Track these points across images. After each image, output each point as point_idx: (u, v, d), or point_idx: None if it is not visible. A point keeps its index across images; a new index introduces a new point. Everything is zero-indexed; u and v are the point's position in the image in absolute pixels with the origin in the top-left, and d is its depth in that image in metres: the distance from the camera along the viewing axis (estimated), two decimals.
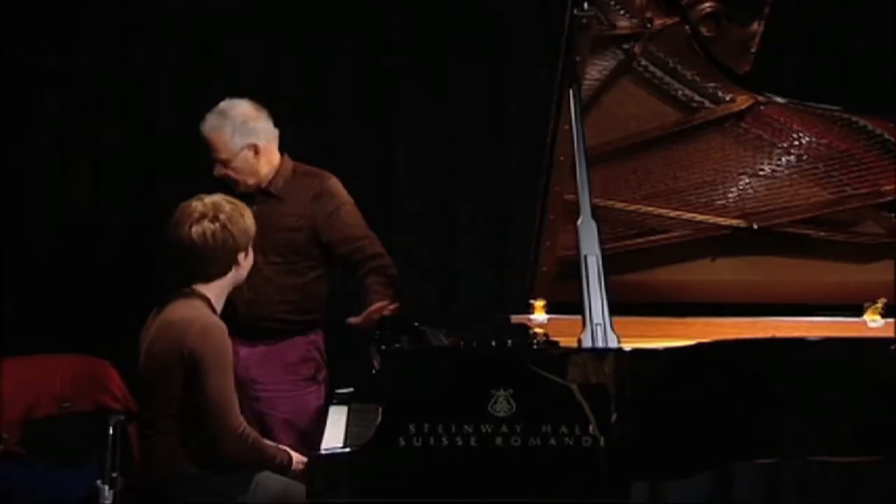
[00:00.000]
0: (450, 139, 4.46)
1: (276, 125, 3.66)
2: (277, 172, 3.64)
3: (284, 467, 3.03)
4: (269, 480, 3.02)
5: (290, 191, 3.64)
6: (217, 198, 3.12)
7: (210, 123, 3.60)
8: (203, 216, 3.06)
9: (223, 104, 3.61)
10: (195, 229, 3.05)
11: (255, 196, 3.60)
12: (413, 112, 4.46)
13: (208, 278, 3.08)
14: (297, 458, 3.06)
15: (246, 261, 3.13)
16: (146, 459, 3.07)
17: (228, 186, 3.58)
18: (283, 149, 3.69)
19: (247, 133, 3.58)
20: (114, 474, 3.71)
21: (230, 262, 3.09)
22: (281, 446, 3.12)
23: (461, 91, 4.45)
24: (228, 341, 3.00)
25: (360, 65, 4.45)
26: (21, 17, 4.27)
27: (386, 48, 4.45)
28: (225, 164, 3.59)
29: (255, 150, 3.59)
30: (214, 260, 3.06)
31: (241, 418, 2.98)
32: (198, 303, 3.06)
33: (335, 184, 3.68)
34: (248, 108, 3.61)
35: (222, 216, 3.07)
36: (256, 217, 3.42)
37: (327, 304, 3.74)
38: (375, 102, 4.45)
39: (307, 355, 3.67)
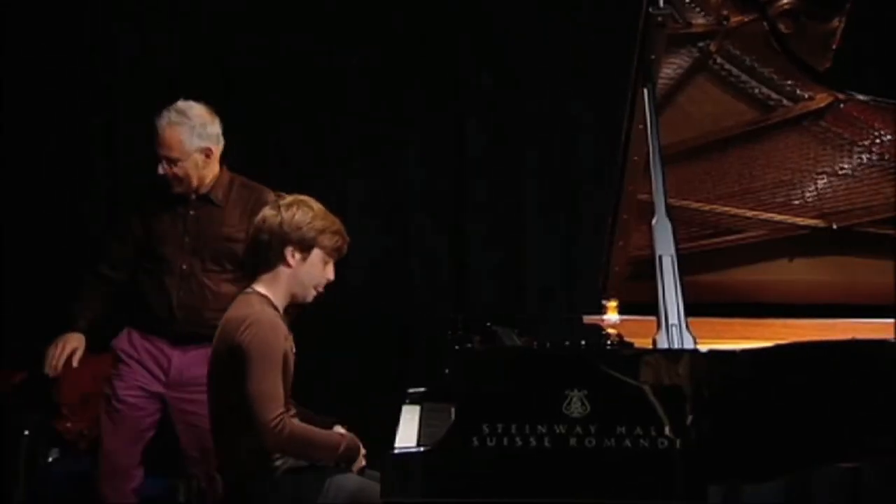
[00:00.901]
0: (522, 139, 4.45)
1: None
2: (217, 181, 3.65)
3: (352, 456, 3.02)
4: (343, 480, 3.03)
5: (228, 201, 3.65)
6: (301, 197, 3.12)
7: (168, 120, 3.57)
8: (270, 206, 3.10)
9: (181, 104, 3.60)
10: (258, 217, 3.09)
11: (192, 202, 3.63)
12: (485, 112, 4.46)
13: (255, 270, 3.09)
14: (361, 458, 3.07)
15: (304, 265, 3.05)
16: (217, 458, 3.11)
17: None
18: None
19: (203, 136, 3.59)
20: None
21: (275, 255, 3.05)
22: (342, 433, 3.11)
23: (533, 90, 4.43)
24: (277, 336, 3.00)
25: (431, 65, 4.46)
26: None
27: (453, 51, 4.45)
28: (173, 162, 3.57)
29: (207, 153, 3.60)
30: (261, 250, 3.06)
31: (279, 413, 2.94)
32: (254, 299, 3.07)
33: (272, 199, 3.65)
34: (205, 111, 3.62)
35: (284, 208, 3.06)
36: (194, 222, 3.58)
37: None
38: (447, 102, 4.46)
39: None
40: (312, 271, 3.08)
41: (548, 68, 4.45)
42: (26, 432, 3.67)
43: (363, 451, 3.09)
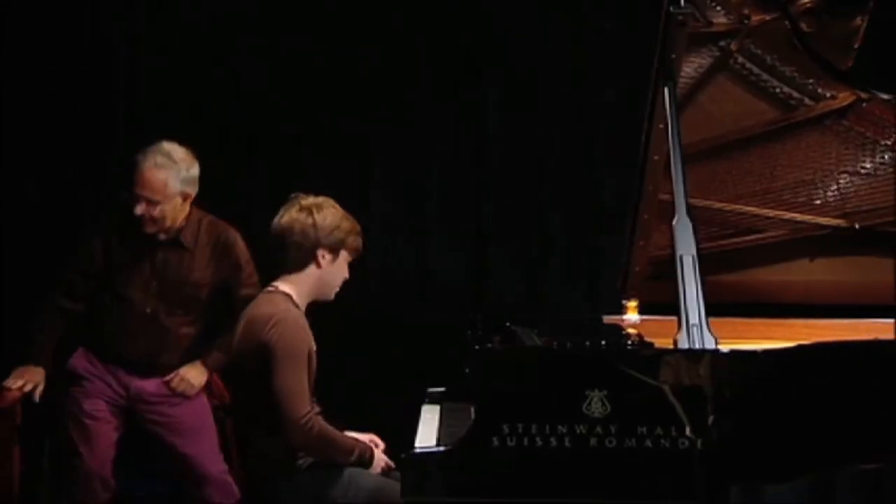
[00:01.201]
0: (539, 143, 4.45)
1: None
2: (188, 223, 3.63)
3: (364, 462, 3.05)
4: (363, 478, 3.05)
5: (197, 244, 3.64)
6: (322, 199, 3.14)
7: (154, 162, 3.54)
8: (297, 208, 3.11)
9: (165, 145, 3.58)
10: (285, 218, 3.10)
11: (161, 244, 3.62)
12: (503, 116, 4.45)
13: (287, 269, 3.11)
14: (380, 458, 3.09)
15: (332, 266, 3.10)
16: (242, 455, 3.13)
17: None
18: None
19: (186, 180, 3.58)
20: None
21: (308, 256, 3.09)
22: (361, 440, 3.13)
23: (551, 95, 4.42)
24: (303, 334, 3.03)
25: (454, 77, 4.45)
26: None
27: (474, 66, 4.45)
28: (154, 204, 3.55)
29: (185, 197, 3.59)
30: (297, 247, 3.08)
31: (308, 409, 2.98)
32: (278, 298, 3.10)
33: (239, 238, 3.71)
34: (188, 154, 3.60)
35: (314, 210, 3.10)
36: (162, 266, 3.58)
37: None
38: (467, 95, 4.45)
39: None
40: (338, 272, 3.13)
41: (567, 65, 4.44)
42: (49, 436, 3.69)
43: (379, 457, 3.10)
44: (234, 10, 4.39)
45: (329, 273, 3.12)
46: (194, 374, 3.65)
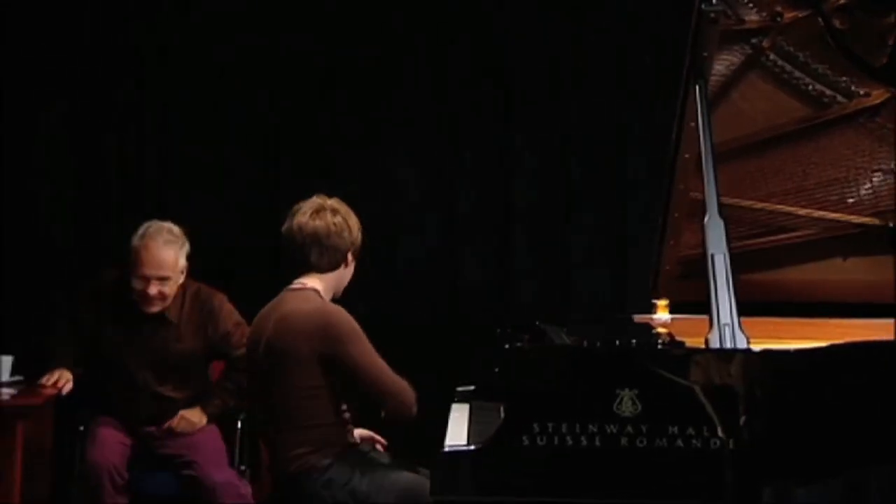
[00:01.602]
0: (568, 139, 4.43)
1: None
2: (174, 298, 3.68)
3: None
4: (394, 476, 3.05)
5: (181, 317, 3.70)
6: (334, 200, 3.21)
7: (164, 240, 3.60)
8: (325, 209, 3.15)
9: (165, 224, 3.65)
10: (318, 220, 3.13)
11: (148, 319, 3.66)
12: (531, 113, 4.44)
13: (321, 269, 3.15)
14: None
15: (348, 269, 3.20)
16: (274, 454, 3.13)
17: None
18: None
19: (185, 255, 3.67)
20: (242, 467, 3.83)
21: (342, 258, 3.17)
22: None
23: (579, 92, 4.41)
24: (350, 317, 3.09)
25: (478, 70, 4.45)
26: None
27: (499, 55, 4.44)
28: (164, 281, 3.61)
29: (183, 271, 3.68)
30: (331, 251, 3.14)
31: (400, 378, 3.08)
32: (310, 294, 3.13)
33: (225, 303, 3.75)
34: (180, 230, 3.69)
35: (342, 212, 3.17)
36: (151, 340, 3.66)
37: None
38: (494, 108, 4.45)
39: None
40: (351, 272, 3.23)
41: (589, 65, 4.42)
42: (81, 428, 3.72)
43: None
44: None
45: (347, 273, 3.21)
46: (195, 416, 3.72)
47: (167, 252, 3.62)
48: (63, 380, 3.62)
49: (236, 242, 4.34)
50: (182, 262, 3.66)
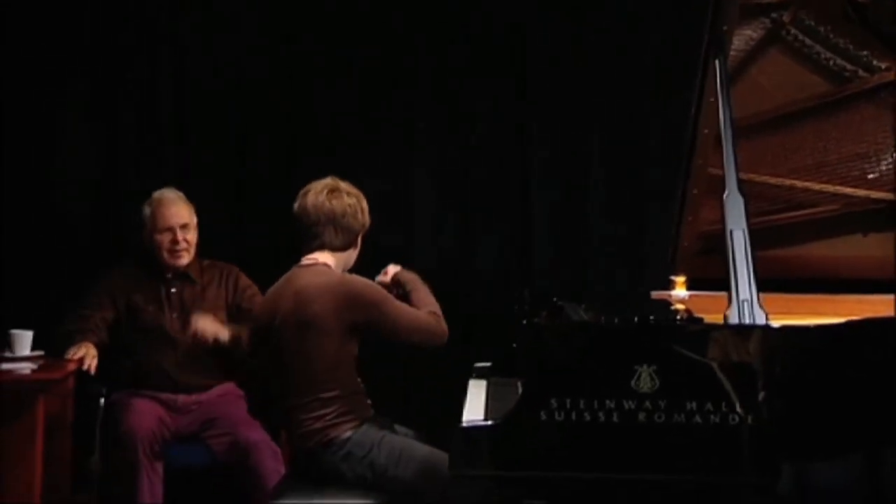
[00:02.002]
0: (586, 116, 4.41)
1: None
2: (190, 263, 3.91)
3: None
4: (413, 449, 3.07)
5: (202, 277, 3.92)
6: (346, 182, 3.25)
7: (175, 195, 3.89)
8: (340, 190, 3.20)
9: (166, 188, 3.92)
10: (335, 200, 3.17)
11: (173, 281, 3.88)
12: (549, 89, 4.42)
13: (333, 248, 3.19)
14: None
15: (356, 250, 3.26)
16: (292, 429, 3.14)
17: None
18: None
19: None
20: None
21: (354, 238, 3.22)
22: (410, 277, 3.31)
23: (597, 70, 4.39)
24: (370, 281, 3.17)
25: (497, 56, 4.43)
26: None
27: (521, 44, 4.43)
28: (186, 229, 3.86)
29: (196, 227, 3.91)
30: (345, 230, 3.18)
31: (423, 312, 3.16)
32: (324, 269, 3.17)
33: (239, 270, 3.98)
34: None
35: (354, 194, 3.23)
36: (178, 298, 3.84)
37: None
38: (512, 89, 4.43)
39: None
40: (357, 252, 3.28)
41: (609, 43, 4.40)
42: (102, 401, 3.75)
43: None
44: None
45: (354, 254, 3.26)
46: (210, 322, 3.79)
47: (181, 203, 3.88)
48: (89, 357, 3.67)
49: (250, 230, 4.36)
50: (194, 215, 3.89)
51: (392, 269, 3.36)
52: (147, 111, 4.39)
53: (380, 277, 3.33)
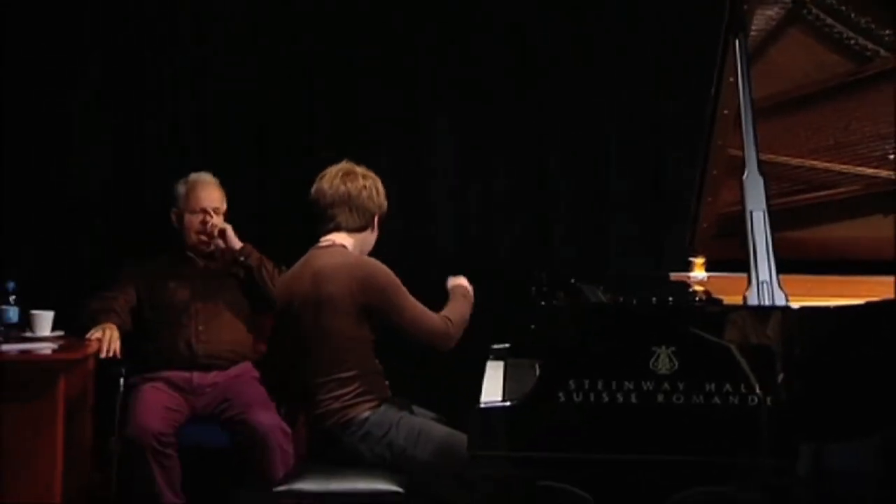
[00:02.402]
0: (602, 93, 4.39)
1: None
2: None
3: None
4: (431, 430, 3.08)
5: (227, 258, 3.96)
6: (362, 167, 3.27)
7: (208, 177, 3.96)
8: (355, 173, 3.22)
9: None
10: (349, 183, 3.20)
11: (198, 261, 3.94)
12: (564, 72, 4.40)
13: (349, 229, 3.21)
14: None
15: (373, 234, 3.27)
16: (311, 409, 3.16)
17: None
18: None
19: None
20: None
21: (370, 220, 3.24)
22: (461, 291, 3.34)
23: (615, 51, 4.36)
24: (387, 267, 3.16)
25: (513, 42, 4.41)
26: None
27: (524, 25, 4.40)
28: (217, 212, 3.93)
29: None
30: (360, 211, 3.21)
31: (437, 316, 3.17)
32: (340, 250, 3.18)
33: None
34: None
35: (370, 177, 3.26)
36: (202, 278, 3.92)
37: None
38: (528, 72, 4.41)
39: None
40: (375, 237, 3.29)
41: (626, 23, 4.37)
42: (122, 381, 3.78)
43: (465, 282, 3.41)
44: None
45: (372, 238, 3.28)
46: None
47: (215, 187, 3.96)
48: (113, 340, 3.68)
49: (271, 213, 4.37)
50: (224, 202, 3.97)
51: (453, 281, 3.40)
52: (164, 96, 4.39)
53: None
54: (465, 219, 4.43)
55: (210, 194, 3.93)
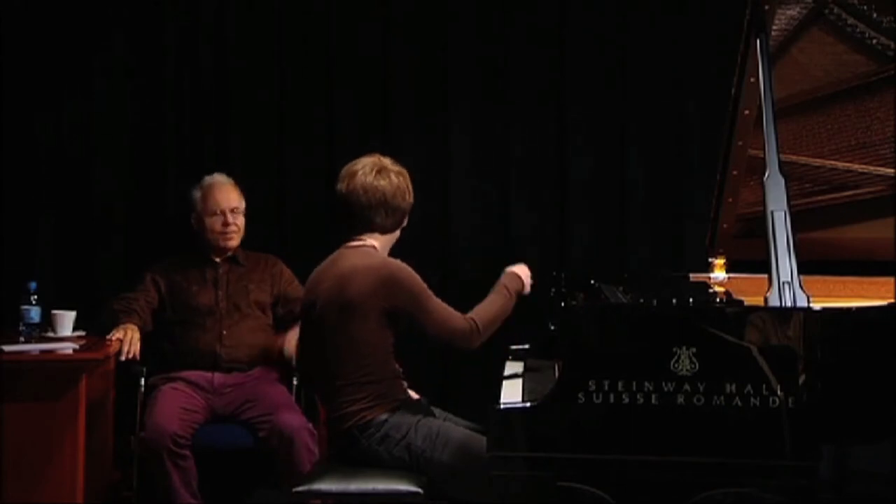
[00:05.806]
0: (620, 97, 4.38)
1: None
2: (237, 250, 4.01)
3: (517, 286, 3.26)
4: (450, 431, 3.07)
5: (247, 262, 4.00)
6: (388, 159, 3.21)
7: (225, 178, 3.99)
8: (388, 169, 3.17)
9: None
10: (383, 180, 3.15)
11: (220, 263, 3.96)
12: (584, 69, 4.40)
13: (385, 230, 3.17)
14: (525, 276, 3.29)
15: (398, 231, 3.22)
16: (330, 411, 3.16)
17: None
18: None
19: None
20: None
21: (402, 218, 3.20)
22: (507, 282, 3.25)
23: (633, 50, 4.35)
24: (412, 270, 3.13)
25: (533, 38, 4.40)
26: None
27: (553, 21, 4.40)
28: (236, 212, 3.95)
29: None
30: (395, 212, 3.16)
31: (462, 318, 3.11)
32: (370, 251, 3.15)
33: (283, 264, 4.05)
34: None
35: (402, 172, 3.20)
36: (226, 280, 3.95)
37: None
38: (550, 66, 4.41)
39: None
40: (397, 234, 3.24)
41: (648, 21, 4.36)
42: (143, 381, 3.80)
43: (525, 272, 3.28)
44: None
45: (397, 235, 3.23)
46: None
47: (231, 188, 3.98)
48: (134, 342, 3.70)
49: (291, 205, 4.38)
50: (243, 200, 3.98)
51: (511, 268, 3.33)
52: (184, 94, 4.41)
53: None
54: (483, 215, 4.43)
55: (227, 195, 3.94)
